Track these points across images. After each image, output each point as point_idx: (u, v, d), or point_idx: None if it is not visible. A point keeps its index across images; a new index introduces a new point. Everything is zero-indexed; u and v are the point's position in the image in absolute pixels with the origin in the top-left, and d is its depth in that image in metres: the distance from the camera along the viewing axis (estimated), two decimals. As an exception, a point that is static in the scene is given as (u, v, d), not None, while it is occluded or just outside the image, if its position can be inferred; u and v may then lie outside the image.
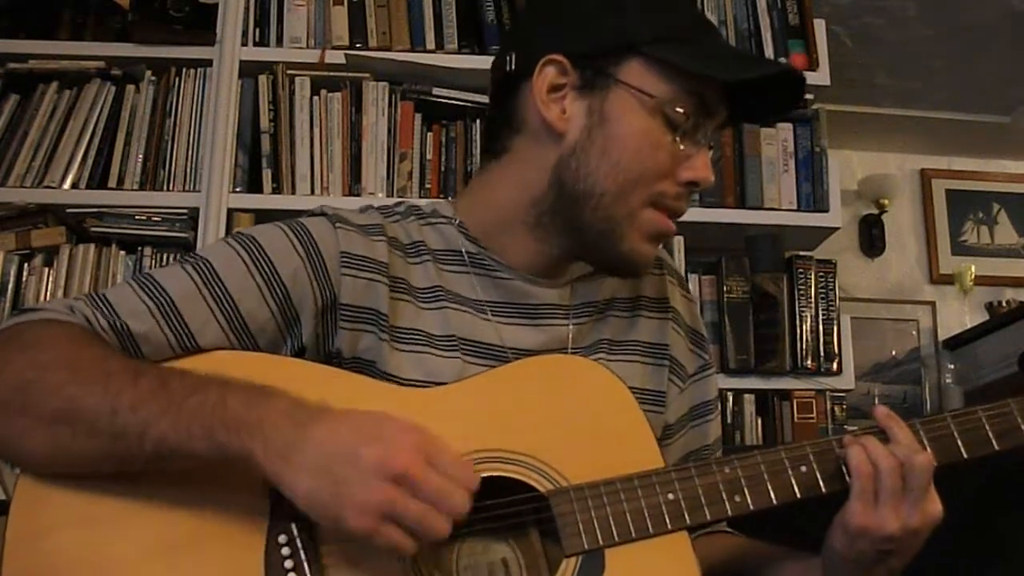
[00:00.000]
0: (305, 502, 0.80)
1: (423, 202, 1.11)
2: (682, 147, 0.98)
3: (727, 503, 0.92)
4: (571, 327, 1.06)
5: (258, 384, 0.85)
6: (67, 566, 0.83)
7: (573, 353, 1.04)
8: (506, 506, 0.89)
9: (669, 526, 0.90)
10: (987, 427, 0.96)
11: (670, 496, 0.91)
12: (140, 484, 0.85)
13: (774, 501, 0.92)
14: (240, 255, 0.97)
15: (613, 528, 0.89)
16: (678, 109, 0.97)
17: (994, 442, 0.95)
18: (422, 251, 1.04)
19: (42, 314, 0.91)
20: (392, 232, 1.03)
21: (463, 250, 1.05)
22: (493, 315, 1.03)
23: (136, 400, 0.83)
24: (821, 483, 0.93)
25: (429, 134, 2.34)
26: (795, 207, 2.43)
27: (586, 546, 0.88)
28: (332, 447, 0.79)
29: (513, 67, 1.03)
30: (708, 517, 0.91)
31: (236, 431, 0.81)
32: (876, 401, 3.62)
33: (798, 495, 0.93)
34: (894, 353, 3.73)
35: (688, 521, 0.91)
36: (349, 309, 0.98)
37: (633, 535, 0.89)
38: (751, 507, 0.92)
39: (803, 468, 0.93)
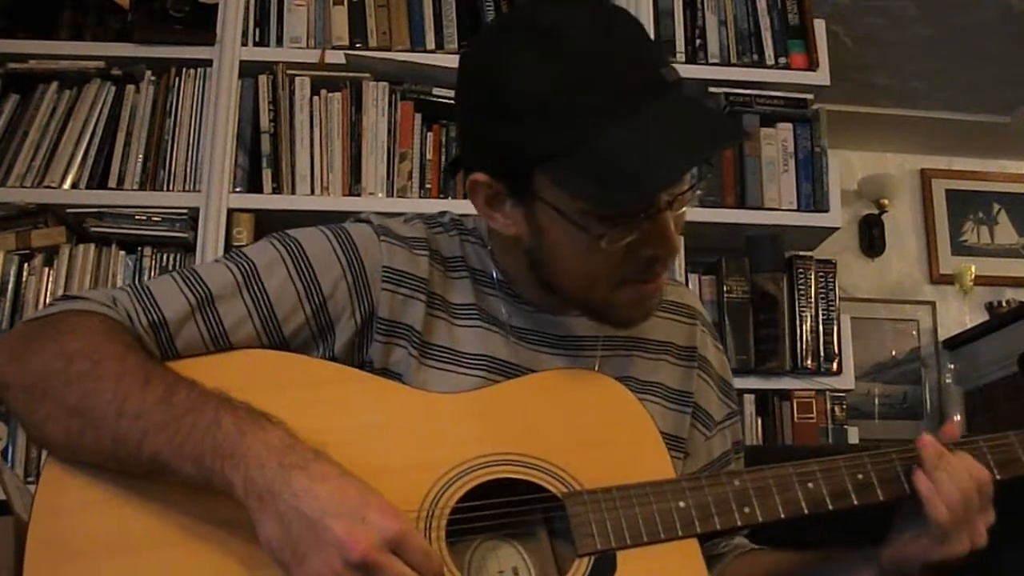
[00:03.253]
0: (267, 547, 0.79)
1: (436, 207, 1.11)
2: (630, 232, 0.90)
3: (736, 513, 0.93)
4: (598, 358, 1.06)
5: (258, 410, 0.85)
6: (89, 543, 0.84)
7: None
8: (521, 505, 0.90)
9: (680, 532, 0.90)
10: (988, 456, 0.97)
11: (681, 504, 0.91)
12: None
13: (782, 514, 0.93)
14: (283, 258, 0.98)
15: (625, 531, 0.89)
16: (601, 211, 0.89)
17: (995, 471, 0.97)
18: (461, 267, 1.05)
19: (83, 304, 0.93)
20: (435, 245, 1.04)
21: (495, 275, 1.05)
22: (525, 341, 1.04)
23: (140, 407, 0.84)
24: (827, 500, 0.94)
25: (429, 134, 2.34)
26: (795, 207, 2.43)
27: (599, 546, 0.89)
28: (306, 506, 0.78)
29: (461, 164, 1.02)
30: (718, 525, 0.92)
31: (222, 459, 0.81)
32: (876, 401, 3.62)
33: (805, 510, 0.94)
34: (894, 353, 3.74)
35: (698, 528, 0.91)
36: (385, 323, 0.99)
37: (644, 539, 0.89)
38: (760, 518, 0.93)
39: (810, 485, 0.94)
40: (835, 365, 2.38)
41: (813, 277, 2.42)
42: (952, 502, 0.90)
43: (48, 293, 2.18)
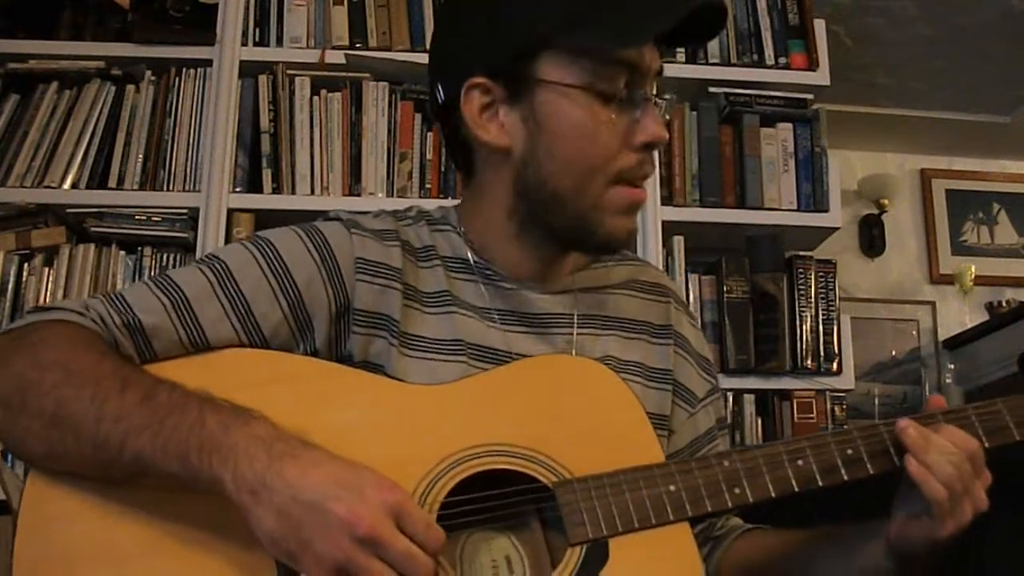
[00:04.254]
0: (267, 540, 0.79)
1: (433, 206, 1.12)
2: (625, 116, 0.97)
3: (727, 495, 0.93)
4: (575, 337, 1.06)
5: (241, 406, 0.84)
6: (74, 555, 0.83)
7: None
8: (511, 496, 0.90)
9: (671, 516, 0.90)
10: (976, 425, 0.97)
11: (671, 488, 0.91)
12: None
13: (772, 494, 0.93)
14: (255, 258, 0.98)
15: (616, 518, 0.89)
16: (606, 85, 0.96)
17: (984, 440, 0.96)
18: (432, 256, 1.05)
19: (54, 314, 0.92)
20: (405, 236, 1.05)
21: (470, 259, 1.06)
22: (501, 322, 1.04)
23: (120, 411, 0.83)
24: (817, 477, 0.94)
25: (429, 134, 2.34)
26: (795, 207, 2.43)
27: (590, 535, 0.88)
28: (303, 493, 0.78)
29: (442, 97, 1.03)
30: (709, 508, 0.92)
31: (209, 455, 0.80)
32: (876, 401, 3.62)
33: (795, 488, 0.94)
34: (894, 353, 3.73)
35: (689, 512, 0.91)
36: (362, 314, 0.99)
37: (636, 525, 0.89)
38: (750, 499, 0.93)
39: (800, 462, 0.94)
40: (835, 365, 2.38)
41: (813, 277, 2.42)
42: (947, 479, 0.90)
43: (48, 293, 2.19)
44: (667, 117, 1.05)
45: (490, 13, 0.98)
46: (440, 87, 1.03)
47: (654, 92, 1.01)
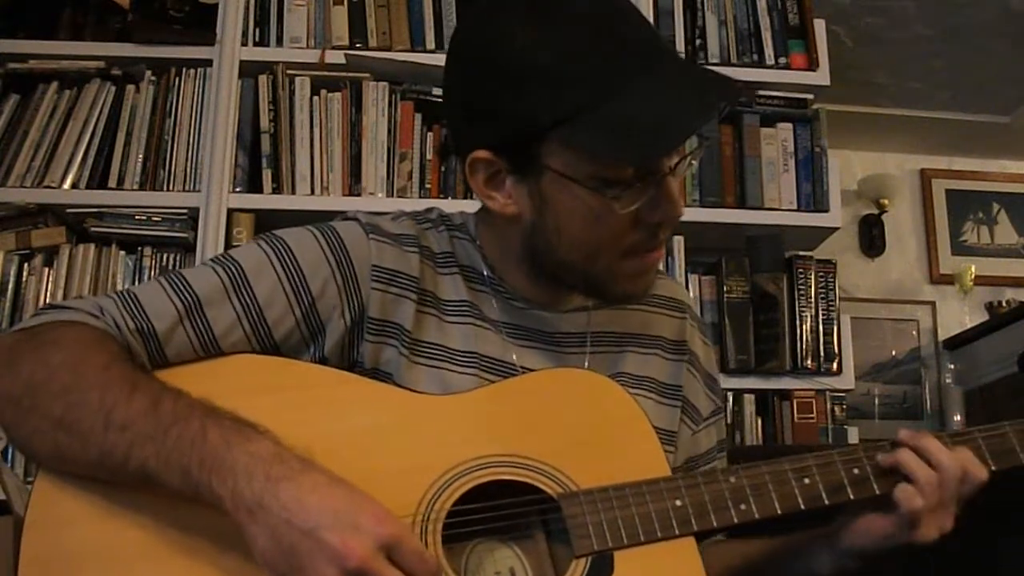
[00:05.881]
0: (261, 560, 0.79)
1: (433, 206, 1.11)
2: (637, 197, 0.90)
3: (732, 511, 0.92)
4: (587, 356, 1.05)
5: (245, 420, 0.84)
6: (81, 556, 0.83)
7: None
8: (517, 506, 0.90)
9: (676, 531, 0.90)
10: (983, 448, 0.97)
11: (677, 502, 0.91)
12: None
13: (778, 510, 0.93)
14: (271, 261, 0.97)
15: (622, 531, 0.89)
16: (614, 173, 0.89)
17: (990, 463, 0.97)
18: (451, 263, 1.04)
19: (67, 314, 0.92)
20: (425, 241, 1.03)
21: (484, 272, 1.05)
22: (511, 338, 1.03)
23: (127, 419, 0.83)
24: (824, 495, 0.94)
25: (429, 134, 2.34)
26: (795, 207, 2.43)
27: (596, 547, 0.88)
28: (297, 518, 0.77)
29: (452, 147, 1.01)
30: (715, 523, 0.92)
31: (209, 471, 0.80)
32: (877, 401, 3.62)
33: (801, 505, 0.94)
34: (894, 353, 3.73)
35: (695, 527, 0.91)
36: (375, 322, 0.98)
37: (641, 538, 0.89)
38: (756, 515, 0.93)
39: (806, 480, 0.94)
40: (835, 365, 2.37)
41: (813, 277, 2.42)
42: (926, 488, 0.91)
43: (48, 293, 2.19)
44: (688, 170, 0.99)
45: (495, 95, 0.91)
46: (448, 136, 1.02)
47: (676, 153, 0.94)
